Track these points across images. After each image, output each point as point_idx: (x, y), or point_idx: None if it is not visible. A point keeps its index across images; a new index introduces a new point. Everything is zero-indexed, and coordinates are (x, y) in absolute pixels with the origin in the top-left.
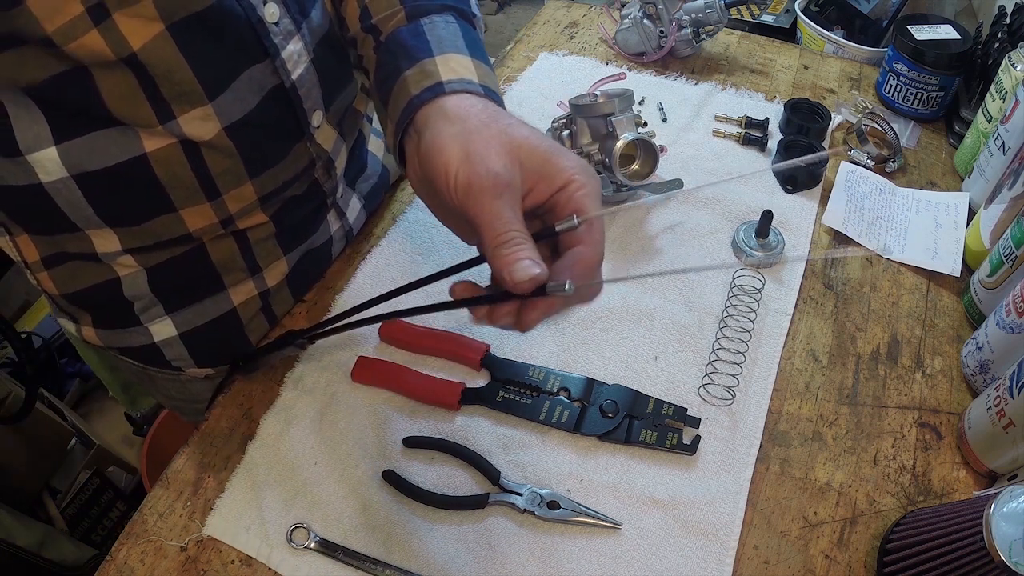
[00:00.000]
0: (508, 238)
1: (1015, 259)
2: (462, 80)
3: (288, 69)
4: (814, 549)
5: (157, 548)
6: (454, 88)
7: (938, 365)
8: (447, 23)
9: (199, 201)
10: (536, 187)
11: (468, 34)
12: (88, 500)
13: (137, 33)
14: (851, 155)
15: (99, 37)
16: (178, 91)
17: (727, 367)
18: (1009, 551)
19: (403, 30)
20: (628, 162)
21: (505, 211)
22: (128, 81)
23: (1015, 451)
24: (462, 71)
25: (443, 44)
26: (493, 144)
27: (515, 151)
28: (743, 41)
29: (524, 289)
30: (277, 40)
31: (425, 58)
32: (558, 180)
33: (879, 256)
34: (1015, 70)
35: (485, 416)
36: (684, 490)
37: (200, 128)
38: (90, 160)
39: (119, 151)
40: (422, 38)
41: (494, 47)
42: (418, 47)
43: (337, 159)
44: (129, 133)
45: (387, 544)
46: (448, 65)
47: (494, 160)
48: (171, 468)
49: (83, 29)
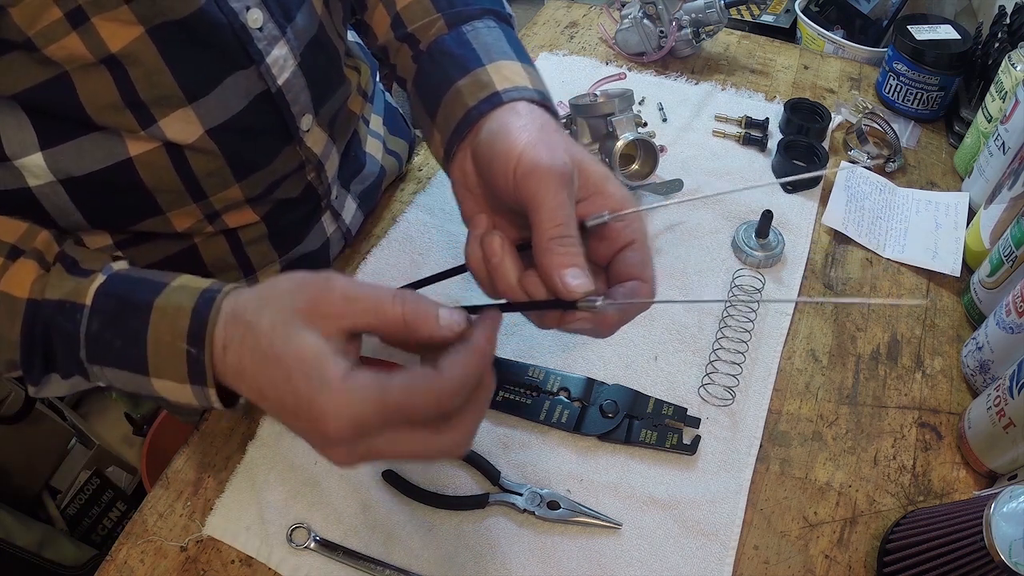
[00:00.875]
0: (566, 232)
1: (1015, 259)
2: (517, 88)
3: (274, 75)
4: (814, 549)
5: (157, 548)
6: (512, 97)
7: (938, 365)
8: (489, 28)
9: (185, 203)
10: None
11: (511, 38)
12: (88, 500)
13: (117, 36)
14: (851, 155)
15: (79, 40)
16: (158, 94)
17: (727, 367)
18: (1009, 551)
19: (447, 39)
20: (628, 162)
21: (569, 205)
22: (108, 87)
23: (1015, 451)
24: (516, 79)
25: (491, 51)
26: (560, 143)
27: (576, 159)
28: (743, 41)
29: (573, 297)
30: (261, 46)
31: (476, 67)
32: (610, 202)
33: (879, 256)
34: (1015, 70)
35: (485, 416)
36: (684, 490)
37: (182, 132)
38: (76, 165)
39: (104, 156)
40: (468, 47)
41: None
42: (466, 56)
43: (327, 162)
44: (114, 138)
45: (387, 544)
46: (501, 73)
47: (562, 154)
48: (171, 468)
49: (62, 32)
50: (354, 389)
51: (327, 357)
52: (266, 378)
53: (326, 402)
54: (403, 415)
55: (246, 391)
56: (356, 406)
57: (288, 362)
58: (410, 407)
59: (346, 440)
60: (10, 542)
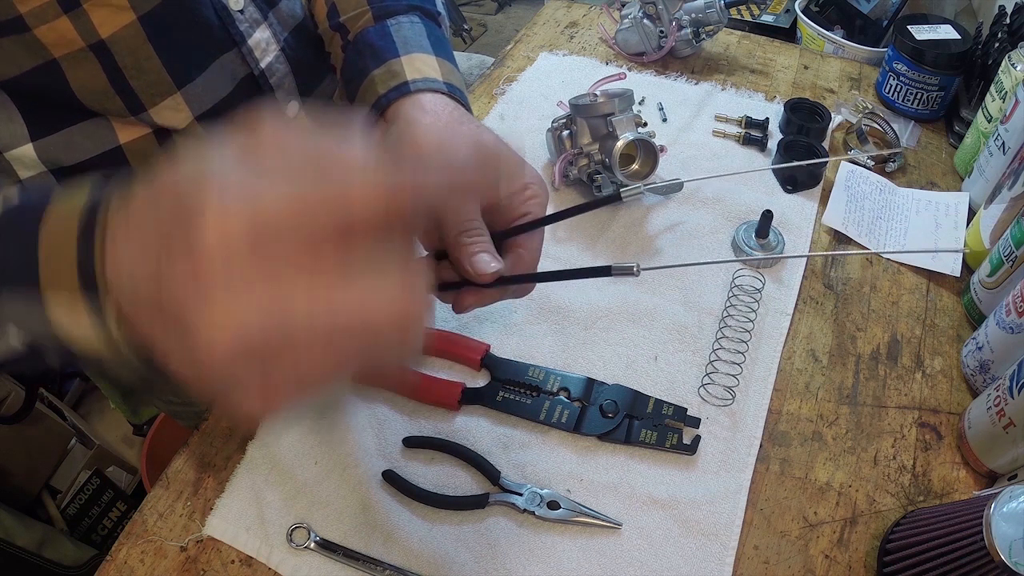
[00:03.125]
0: (470, 226)
1: (1015, 259)
2: (426, 79)
3: (256, 57)
4: (814, 549)
5: (157, 548)
6: (419, 87)
7: (938, 365)
8: (412, 23)
9: None
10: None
11: (433, 33)
12: (88, 500)
13: (107, 22)
14: (851, 155)
15: (69, 24)
16: (147, 80)
17: (727, 367)
18: (1009, 551)
19: (371, 31)
20: (628, 162)
21: (469, 203)
22: (97, 74)
23: (1015, 451)
24: (427, 70)
25: (408, 44)
26: (464, 141)
27: (482, 151)
28: (743, 41)
29: (485, 280)
30: (243, 28)
31: (392, 58)
32: (515, 184)
33: (879, 256)
34: (1015, 70)
35: (485, 416)
36: (684, 490)
37: (172, 117)
38: (67, 155)
39: (94, 145)
40: (389, 39)
41: (494, 47)
42: (385, 48)
43: None
44: (104, 125)
45: (387, 544)
46: (413, 65)
47: (464, 155)
48: (171, 468)
49: (53, 15)
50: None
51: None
52: (141, 230)
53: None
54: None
55: (126, 280)
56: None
57: (173, 187)
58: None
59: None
60: (10, 542)
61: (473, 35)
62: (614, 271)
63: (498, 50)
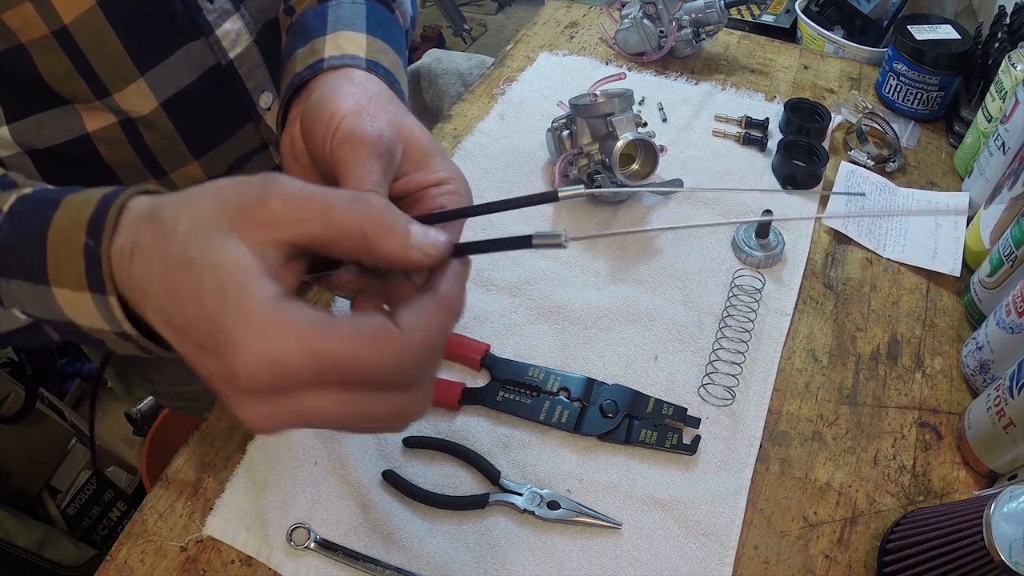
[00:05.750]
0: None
1: (1015, 259)
2: (344, 55)
3: (224, 47)
4: (814, 549)
5: (157, 548)
6: (334, 64)
7: (938, 365)
8: (353, 4)
9: (146, 179)
10: (410, 175)
11: (375, 14)
12: (88, 500)
13: (69, 7)
14: (851, 155)
15: (32, 9)
16: (109, 65)
17: (727, 367)
18: (1009, 551)
19: (309, 12)
20: (628, 162)
21: (376, 172)
22: (62, 58)
23: (1015, 451)
24: (349, 47)
25: (339, 24)
26: (386, 114)
27: (403, 132)
28: (743, 41)
29: None
30: (211, 18)
31: (316, 37)
32: (433, 177)
33: (879, 256)
34: (1015, 70)
35: (485, 416)
36: (684, 490)
37: (137, 103)
38: (38, 139)
39: (62, 131)
40: (323, 19)
41: (494, 47)
42: (315, 27)
43: None
44: (72, 113)
45: (387, 544)
46: (336, 42)
47: (383, 124)
48: (171, 468)
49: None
50: (281, 322)
51: (251, 274)
52: (173, 293)
53: (241, 331)
54: (340, 373)
55: (152, 314)
56: (280, 343)
57: (200, 272)
58: (353, 365)
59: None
60: (10, 542)
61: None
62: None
63: (498, 50)
